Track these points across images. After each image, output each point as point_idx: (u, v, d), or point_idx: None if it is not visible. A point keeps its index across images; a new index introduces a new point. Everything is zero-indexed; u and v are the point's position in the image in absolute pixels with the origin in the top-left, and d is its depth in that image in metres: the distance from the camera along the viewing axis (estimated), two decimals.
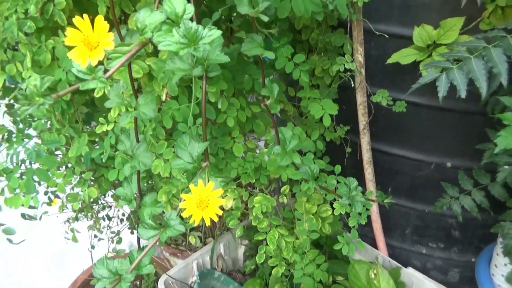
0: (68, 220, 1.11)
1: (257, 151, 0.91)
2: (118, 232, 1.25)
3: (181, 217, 0.94)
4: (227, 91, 0.76)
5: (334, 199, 0.75)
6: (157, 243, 1.17)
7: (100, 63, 0.45)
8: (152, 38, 0.41)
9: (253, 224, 0.82)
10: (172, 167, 0.66)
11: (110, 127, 0.75)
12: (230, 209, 0.83)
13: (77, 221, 1.10)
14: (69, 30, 0.40)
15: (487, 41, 0.56)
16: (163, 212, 0.94)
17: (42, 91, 0.40)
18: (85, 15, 0.41)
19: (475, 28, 0.76)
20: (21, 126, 0.84)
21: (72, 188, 0.87)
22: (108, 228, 1.24)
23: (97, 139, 0.85)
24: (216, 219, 0.42)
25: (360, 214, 0.71)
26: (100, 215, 1.16)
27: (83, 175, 0.81)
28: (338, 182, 0.75)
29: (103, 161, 0.73)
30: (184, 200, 0.44)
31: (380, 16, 0.85)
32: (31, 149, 0.65)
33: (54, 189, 0.88)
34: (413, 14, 0.81)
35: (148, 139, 0.74)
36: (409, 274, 1.00)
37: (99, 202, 1.14)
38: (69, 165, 0.86)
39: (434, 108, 0.89)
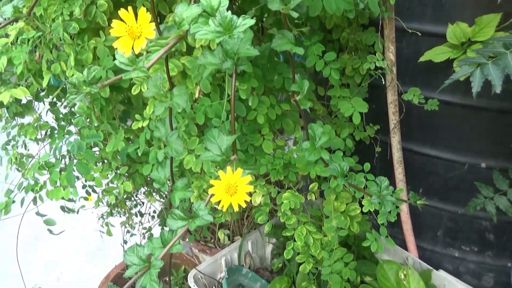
0: (102, 216, 1.16)
1: (286, 149, 0.92)
2: (150, 228, 1.29)
3: (213, 208, 0.95)
4: (257, 89, 0.78)
5: (363, 197, 0.75)
6: (187, 239, 1.19)
7: (140, 55, 0.48)
8: (190, 30, 0.43)
9: (281, 220, 0.83)
10: (201, 159, 0.68)
11: (145, 124, 0.78)
12: (259, 205, 0.85)
13: (112, 216, 1.15)
14: (115, 22, 0.43)
15: None
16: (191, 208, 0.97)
17: (89, 80, 0.43)
18: (129, 8, 0.44)
19: None
20: (63, 123, 0.89)
21: (108, 184, 0.91)
22: (140, 224, 1.28)
23: (131, 137, 0.88)
24: (244, 205, 0.44)
25: (389, 211, 0.71)
26: (132, 211, 1.21)
27: (118, 170, 0.85)
28: (367, 180, 0.75)
29: (139, 155, 0.76)
30: (213, 186, 0.45)
31: (413, 14, 0.84)
32: (73, 142, 0.69)
33: (91, 183, 0.92)
34: (447, 11, 0.80)
35: (181, 135, 0.76)
36: (441, 277, 0.98)
37: (132, 199, 1.19)
38: (106, 160, 0.90)
39: (467, 107, 0.87)
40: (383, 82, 0.86)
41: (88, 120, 0.83)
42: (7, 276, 1.50)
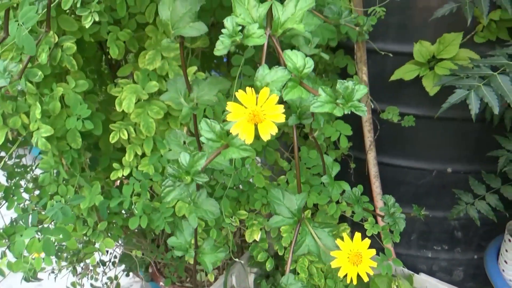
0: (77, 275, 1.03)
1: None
2: (116, 277, 1.17)
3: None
4: None
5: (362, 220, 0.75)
6: (162, 283, 1.10)
7: None
8: (282, 95, 0.40)
9: (280, 253, 0.80)
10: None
11: (126, 172, 0.71)
12: (254, 241, 0.81)
13: (76, 275, 1.02)
14: (231, 105, 0.37)
15: (507, 57, 0.60)
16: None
17: (193, 170, 0.38)
18: (249, 88, 0.37)
19: (470, 41, 0.81)
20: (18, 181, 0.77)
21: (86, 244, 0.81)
22: (104, 274, 1.16)
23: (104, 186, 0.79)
24: (371, 273, 0.41)
25: (391, 231, 0.72)
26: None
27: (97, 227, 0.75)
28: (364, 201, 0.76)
29: (125, 209, 0.68)
30: (336, 258, 0.42)
31: (376, 35, 0.88)
32: (56, 208, 0.59)
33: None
34: (409, 31, 0.85)
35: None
36: (422, 280, 1.03)
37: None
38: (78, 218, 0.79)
39: (433, 119, 0.92)
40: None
41: (56, 174, 0.72)
42: None
